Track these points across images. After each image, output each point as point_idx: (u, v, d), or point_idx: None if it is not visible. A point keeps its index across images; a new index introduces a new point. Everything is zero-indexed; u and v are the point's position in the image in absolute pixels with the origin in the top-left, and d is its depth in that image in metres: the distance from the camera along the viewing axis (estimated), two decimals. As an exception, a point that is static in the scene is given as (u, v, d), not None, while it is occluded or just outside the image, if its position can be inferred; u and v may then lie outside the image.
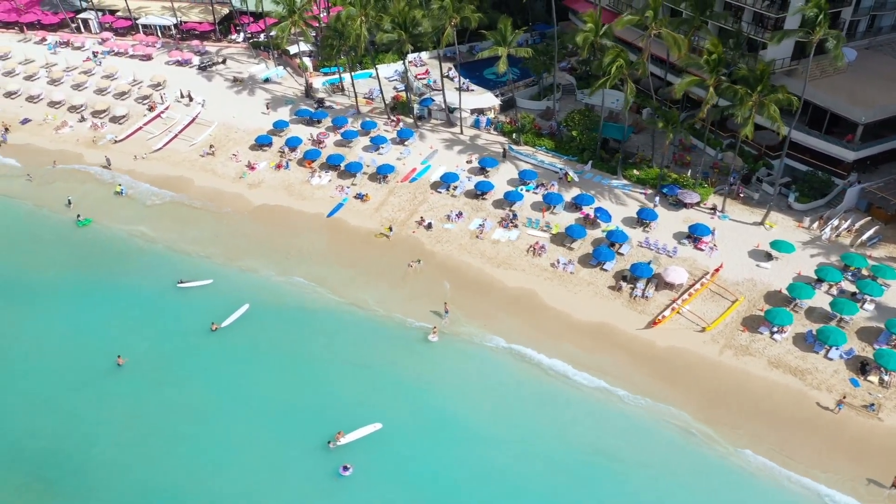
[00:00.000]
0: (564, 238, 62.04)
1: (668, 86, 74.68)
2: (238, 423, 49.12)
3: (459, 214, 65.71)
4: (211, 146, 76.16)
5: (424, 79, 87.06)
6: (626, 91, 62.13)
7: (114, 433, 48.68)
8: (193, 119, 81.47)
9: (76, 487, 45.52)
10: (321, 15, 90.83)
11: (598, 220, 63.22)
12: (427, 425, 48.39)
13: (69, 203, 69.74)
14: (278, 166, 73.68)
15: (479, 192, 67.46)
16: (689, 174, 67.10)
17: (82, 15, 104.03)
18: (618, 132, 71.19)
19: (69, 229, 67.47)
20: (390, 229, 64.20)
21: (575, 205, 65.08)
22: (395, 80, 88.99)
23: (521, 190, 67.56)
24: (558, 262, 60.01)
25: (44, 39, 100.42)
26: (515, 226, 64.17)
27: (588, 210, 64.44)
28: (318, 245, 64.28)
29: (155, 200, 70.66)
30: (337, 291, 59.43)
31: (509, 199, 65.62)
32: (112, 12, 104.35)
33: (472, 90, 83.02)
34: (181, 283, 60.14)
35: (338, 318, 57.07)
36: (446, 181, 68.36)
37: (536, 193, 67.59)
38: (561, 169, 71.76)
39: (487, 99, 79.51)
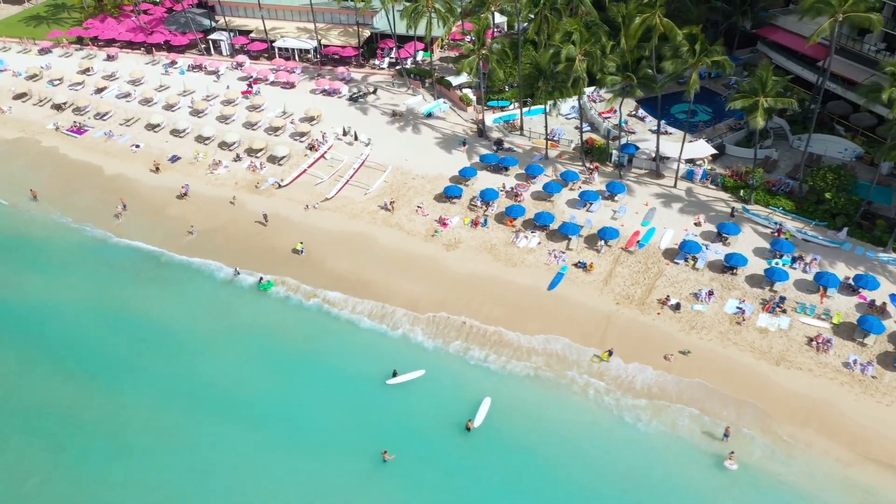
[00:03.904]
0: (854, 331, 51.87)
1: None
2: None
3: (710, 293, 55.85)
4: (392, 202, 66.93)
5: (609, 117, 77.47)
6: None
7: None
8: (363, 162, 72.77)
9: None
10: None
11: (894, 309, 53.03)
12: None
13: (237, 272, 60.90)
14: (474, 223, 64.42)
15: (728, 266, 57.59)
16: (981, 250, 56.67)
17: (213, 36, 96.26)
18: (884, 196, 60.74)
19: (252, 294, 59.15)
20: (610, 354, 52.53)
21: (851, 286, 55.02)
22: (573, 117, 79.61)
23: (779, 264, 57.56)
24: (854, 363, 49.89)
25: (174, 62, 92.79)
26: (783, 311, 54.16)
27: (872, 295, 54.18)
28: (545, 327, 54.80)
29: (338, 261, 61.85)
30: (585, 388, 50.16)
31: (771, 278, 55.60)
32: (244, 33, 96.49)
33: (670, 133, 73.27)
34: (394, 377, 51.44)
35: (597, 424, 47.82)
36: (685, 250, 58.59)
37: (795, 269, 57.56)
38: (775, 223, 61.90)
39: (701, 147, 69.43)
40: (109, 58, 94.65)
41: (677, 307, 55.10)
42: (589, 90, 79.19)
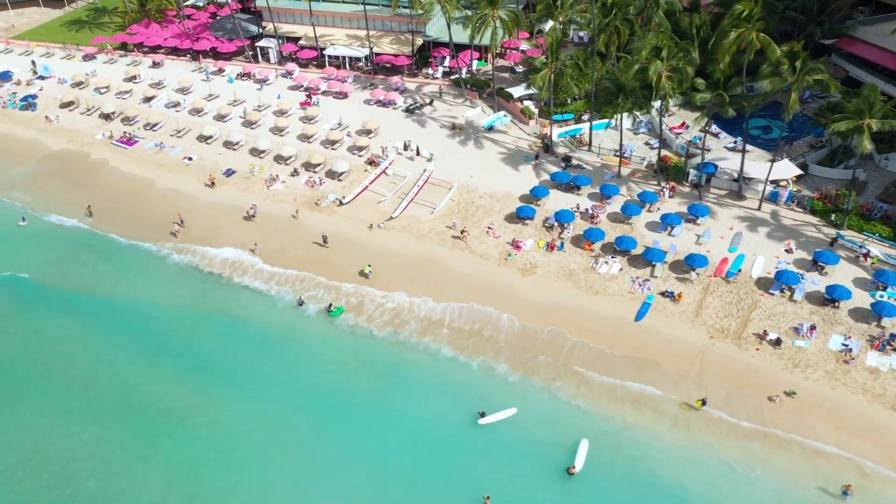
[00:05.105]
0: (976, 373, 48.42)
1: None
2: None
3: (813, 328, 52.37)
4: (463, 230, 63.29)
5: (681, 133, 74.05)
6: None
7: None
8: (427, 179, 69.67)
9: None
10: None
11: None
12: None
13: (301, 302, 57.51)
14: (550, 246, 61.21)
15: (830, 299, 54.05)
16: None
17: (260, 43, 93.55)
18: None
19: (323, 321, 56.19)
20: (703, 403, 48.13)
21: (965, 323, 51.44)
22: (642, 132, 76.23)
23: (883, 297, 53.97)
24: (978, 409, 46.44)
25: (221, 70, 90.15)
26: (895, 349, 50.64)
27: None
28: (636, 361, 51.57)
29: (409, 285, 58.62)
30: (686, 429, 46.85)
31: (879, 313, 51.99)
32: (293, 40, 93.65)
33: (748, 151, 69.57)
34: (482, 417, 48.34)
35: (704, 469, 44.57)
36: (782, 280, 55.08)
37: (900, 301, 54.07)
38: (861, 246, 58.36)
39: (785, 167, 65.71)
40: (155, 65, 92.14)
41: (777, 343, 51.63)
42: (656, 103, 75.76)
